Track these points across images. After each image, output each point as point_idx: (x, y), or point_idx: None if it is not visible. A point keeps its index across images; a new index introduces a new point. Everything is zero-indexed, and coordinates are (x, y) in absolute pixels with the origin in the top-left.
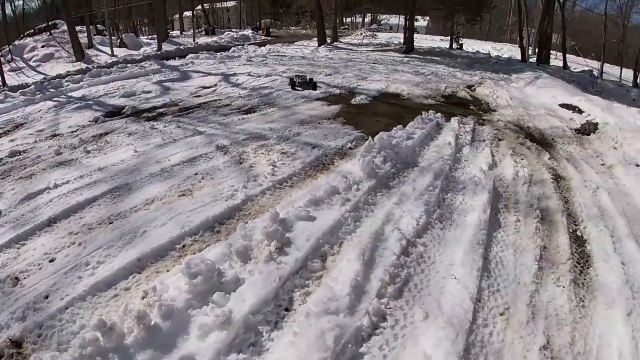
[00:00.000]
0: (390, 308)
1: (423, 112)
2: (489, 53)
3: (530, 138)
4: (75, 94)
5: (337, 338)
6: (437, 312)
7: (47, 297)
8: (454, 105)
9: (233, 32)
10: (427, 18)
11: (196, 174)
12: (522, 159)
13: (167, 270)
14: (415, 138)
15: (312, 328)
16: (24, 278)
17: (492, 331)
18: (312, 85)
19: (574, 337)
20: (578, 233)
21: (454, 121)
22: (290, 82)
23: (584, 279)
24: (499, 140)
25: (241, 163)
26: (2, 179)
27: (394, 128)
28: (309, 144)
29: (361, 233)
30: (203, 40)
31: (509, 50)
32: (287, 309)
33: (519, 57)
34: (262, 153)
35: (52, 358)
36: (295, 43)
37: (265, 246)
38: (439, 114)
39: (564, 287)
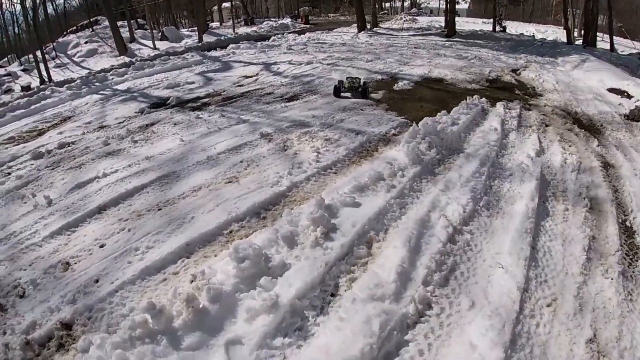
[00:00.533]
0: (436, 296)
1: (467, 97)
2: (534, 35)
3: (578, 124)
4: (120, 87)
5: (382, 324)
6: (484, 301)
7: (97, 281)
8: (499, 89)
9: (272, 21)
10: (469, 0)
11: (241, 161)
12: (570, 146)
13: (215, 255)
14: (460, 124)
15: (358, 314)
16: (75, 263)
17: (539, 322)
18: (362, 91)
19: (620, 332)
20: (627, 224)
21: (500, 106)
22: (334, 88)
23: (633, 272)
24: (546, 126)
25: (285, 150)
26: (52, 169)
27: (439, 114)
28: (352, 130)
29: (407, 220)
30: (243, 30)
31: (554, 33)
32: (332, 295)
33: (564, 39)
34: (306, 140)
35: (101, 340)
36: (335, 30)
37: (312, 232)
38: (483, 99)
39: (612, 279)
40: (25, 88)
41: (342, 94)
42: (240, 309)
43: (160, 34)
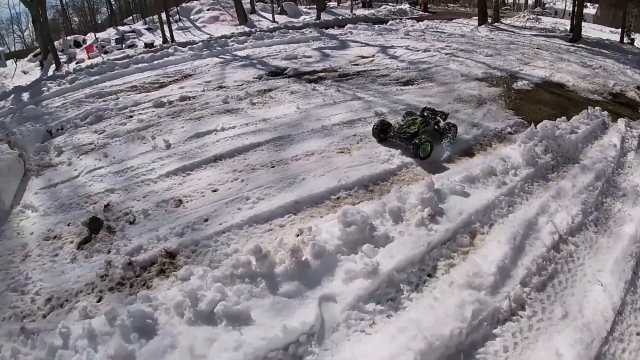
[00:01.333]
0: (531, 298)
1: (589, 107)
2: None
3: None
4: (240, 54)
5: (475, 313)
6: (577, 314)
7: (206, 220)
8: (622, 105)
9: (390, 5)
10: (597, 5)
11: (354, 135)
12: None
13: (321, 217)
14: (579, 133)
15: (453, 297)
16: (187, 202)
17: (626, 348)
18: (415, 148)
19: None
20: None
21: (621, 123)
22: (375, 129)
23: None
24: None
25: None
26: (173, 118)
27: (557, 119)
28: (467, 121)
29: (514, 218)
30: (360, 12)
31: None
32: (429, 275)
33: None
34: None
35: (204, 271)
36: (454, 20)
37: (419, 211)
38: (605, 112)
39: None
40: (149, 45)
41: (389, 137)
42: (339, 269)
43: (279, 8)
